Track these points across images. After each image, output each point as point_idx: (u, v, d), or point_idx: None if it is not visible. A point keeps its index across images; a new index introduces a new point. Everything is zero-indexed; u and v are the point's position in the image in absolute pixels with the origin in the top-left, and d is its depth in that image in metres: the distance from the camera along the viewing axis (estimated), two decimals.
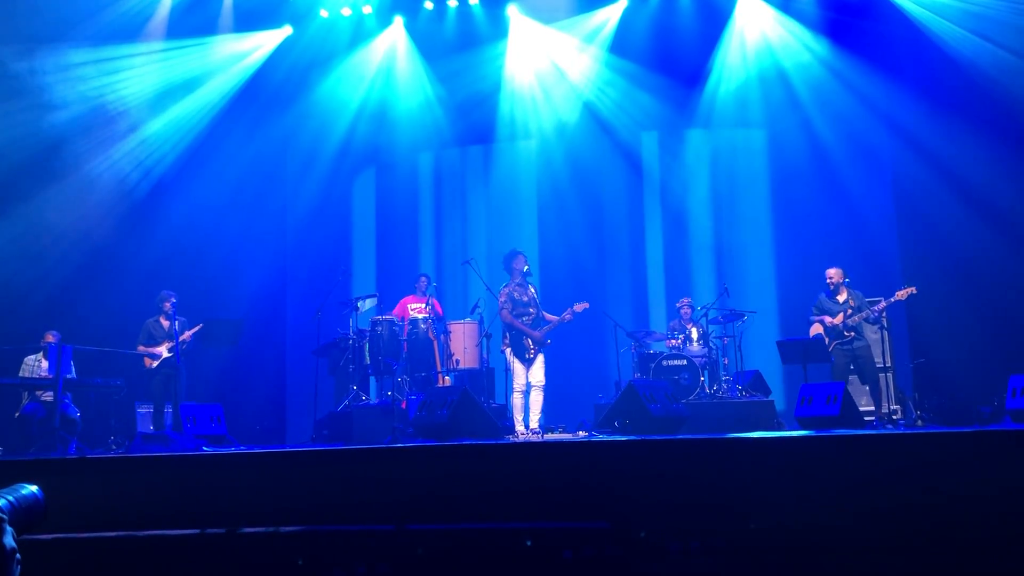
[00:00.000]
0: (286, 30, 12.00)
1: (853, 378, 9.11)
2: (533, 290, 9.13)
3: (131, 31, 10.83)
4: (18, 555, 1.96)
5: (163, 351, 9.36)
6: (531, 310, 9.01)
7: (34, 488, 2.23)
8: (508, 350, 8.94)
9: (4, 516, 1.99)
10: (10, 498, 2.15)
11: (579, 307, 9.05)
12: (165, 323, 9.47)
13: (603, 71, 12.17)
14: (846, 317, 8.89)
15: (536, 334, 8.93)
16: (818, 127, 11.47)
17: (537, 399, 8.91)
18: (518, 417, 8.91)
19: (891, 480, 4.40)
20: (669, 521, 4.50)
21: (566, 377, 10.57)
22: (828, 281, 9.10)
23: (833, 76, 11.26)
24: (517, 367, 8.96)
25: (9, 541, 1.95)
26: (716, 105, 11.97)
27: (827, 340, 8.93)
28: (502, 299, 9.13)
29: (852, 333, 8.91)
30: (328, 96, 12.41)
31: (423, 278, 10.51)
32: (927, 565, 4.12)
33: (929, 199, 10.46)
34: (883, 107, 11.11)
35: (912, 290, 8.65)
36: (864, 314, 8.90)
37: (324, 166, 12.59)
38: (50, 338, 9.26)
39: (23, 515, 2.14)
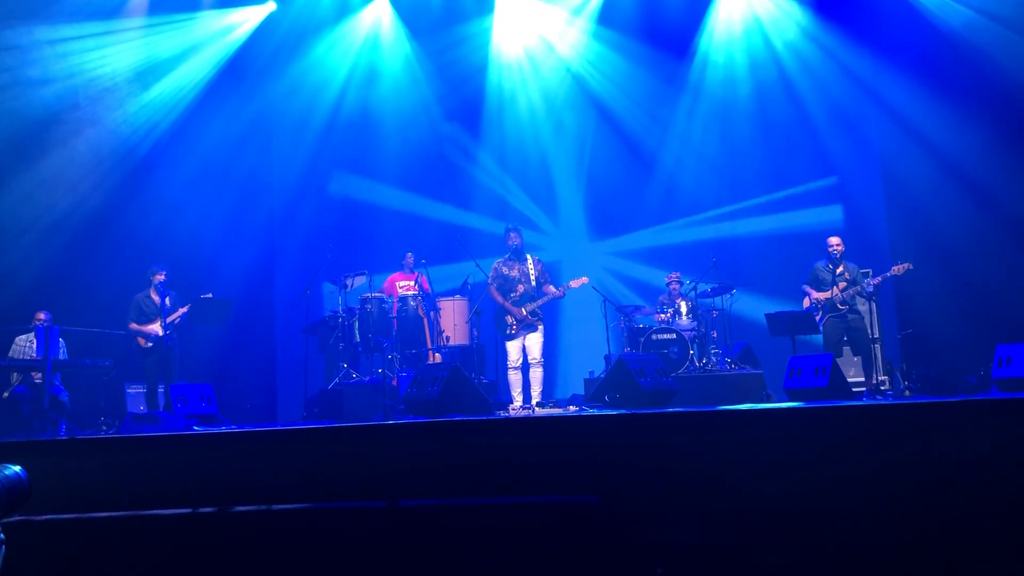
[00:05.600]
0: (270, 5, 11.86)
1: (844, 350, 9.15)
2: (531, 265, 9.09)
3: (113, 8, 10.69)
4: (1, 535, 1.95)
5: (157, 329, 9.31)
6: (520, 286, 9.01)
7: (17, 468, 2.22)
8: None
9: None
10: None
11: (576, 282, 9.07)
12: (155, 297, 9.42)
13: (590, 43, 12.15)
14: (841, 291, 8.90)
15: (516, 310, 8.95)
16: (806, 100, 11.48)
17: (535, 375, 8.95)
18: (514, 393, 8.97)
19: (880, 450, 4.43)
20: (659, 494, 4.53)
21: (556, 352, 10.62)
22: (831, 249, 9.04)
23: (821, 50, 11.27)
24: (507, 344, 9.01)
25: None
26: (704, 77, 11.96)
27: (820, 312, 8.96)
28: (491, 274, 9.15)
29: (847, 306, 8.93)
30: (314, 72, 12.32)
31: (409, 255, 10.47)
32: (915, 533, 4.16)
33: (916, 172, 10.49)
34: (871, 81, 11.12)
35: (908, 266, 8.66)
36: (858, 288, 8.91)
37: (311, 142, 12.52)
38: (40, 316, 9.21)
39: (6, 495, 2.13)
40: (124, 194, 10.75)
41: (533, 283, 9.01)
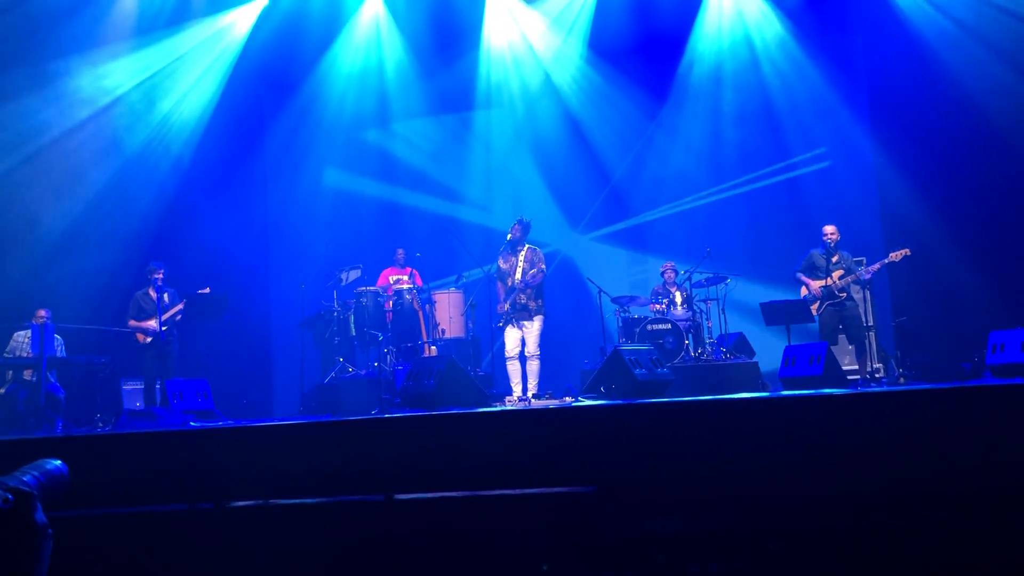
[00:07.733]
0: (262, 2, 11.77)
1: (839, 338, 9.16)
2: (522, 258, 9.06)
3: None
4: (49, 530, 1.96)
5: (154, 324, 9.33)
6: (509, 279, 9.02)
7: (57, 463, 2.23)
8: None
9: (34, 492, 1.98)
10: (36, 474, 2.14)
11: (532, 276, 9.00)
12: (154, 295, 9.44)
13: (578, 47, 12.22)
14: (839, 279, 8.88)
15: (500, 304, 8.99)
16: (798, 91, 11.50)
17: (531, 368, 8.96)
18: (512, 383, 9.00)
19: (875, 438, 4.45)
20: (656, 483, 4.55)
21: (552, 344, 10.61)
22: (826, 238, 9.00)
23: (808, 41, 11.31)
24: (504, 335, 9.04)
25: (40, 517, 1.95)
26: (692, 73, 12.05)
27: (818, 301, 8.94)
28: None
29: (844, 294, 8.92)
30: (307, 68, 12.31)
31: (400, 251, 10.48)
32: (911, 519, 4.18)
33: (909, 158, 10.51)
34: (862, 68, 11.15)
35: (906, 252, 8.63)
36: (854, 276, 8.90)
37: (304, 138, 12.52)
38: (42, 313, 9.21)
39: (50, 490, 2.13)
40: (119, 192, 10.74)
41: (518, 276, 9.00)
